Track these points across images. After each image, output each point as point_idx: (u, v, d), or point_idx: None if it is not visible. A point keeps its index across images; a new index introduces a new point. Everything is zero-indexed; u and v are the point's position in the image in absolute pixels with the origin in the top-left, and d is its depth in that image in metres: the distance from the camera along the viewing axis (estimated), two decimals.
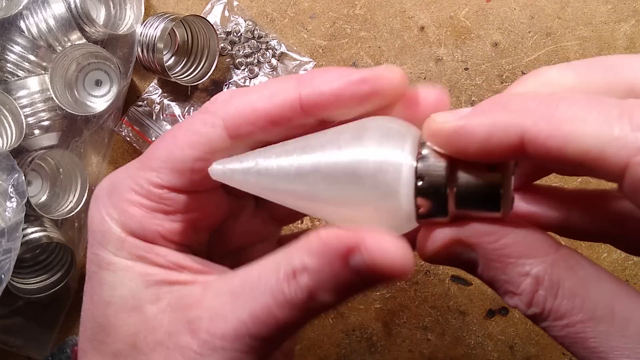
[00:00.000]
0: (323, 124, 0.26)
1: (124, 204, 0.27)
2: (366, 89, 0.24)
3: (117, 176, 0.28)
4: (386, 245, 0.22)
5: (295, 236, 0.34)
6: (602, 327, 0.21)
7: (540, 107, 0.21)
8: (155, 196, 0.26)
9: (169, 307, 0.26)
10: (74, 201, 0.52)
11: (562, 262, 0.22)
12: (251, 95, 0.25)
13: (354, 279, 0.23)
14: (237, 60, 0.55)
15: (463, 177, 0.23)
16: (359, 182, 0.23)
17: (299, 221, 0.55)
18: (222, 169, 0.25)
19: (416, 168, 0.23)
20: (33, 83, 0.50)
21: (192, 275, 0.27)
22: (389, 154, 0.23)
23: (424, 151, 0.23)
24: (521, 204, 0.28)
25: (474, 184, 0.23)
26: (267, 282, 0.24)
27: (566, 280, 0.22)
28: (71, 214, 0.52)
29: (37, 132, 0.51)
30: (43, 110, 0.51)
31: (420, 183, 0.23)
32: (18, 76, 0.50)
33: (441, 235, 0.23)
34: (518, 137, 0.21)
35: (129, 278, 0.27)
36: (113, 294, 0.27)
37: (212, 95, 0.55)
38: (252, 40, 0.55)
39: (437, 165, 0.23)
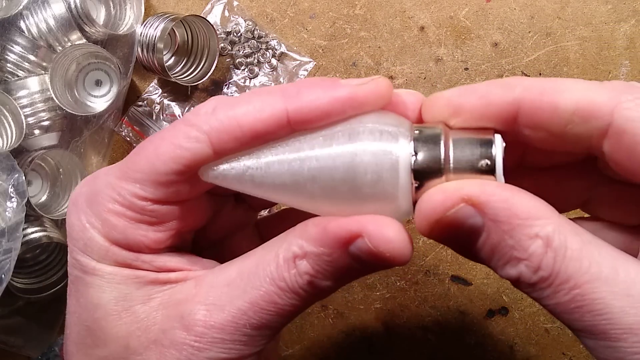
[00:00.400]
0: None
1: (106, 213, 0.26)
2: (354, 104, 0.24)
3: (96, 183, 0.27)
4: (388, 232, 0.23)
5: (273, 219, 0.35)
6: (608, 287, 0.21)
7: (531, 79, 0.24)
8: (139, 208, 0.26)
9: (161, 306, 0.26)
10: None
11: (567, 224, 0.22)
12: (237, 109, 0.25)
13: (354, 264, 0.24)
14: (237, 60, 0.55)
15: (457, 144, 0.23)
16: (356, 173, 0.23)
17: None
18: (215, 172, 0.25)
19: (411, 147, 0.23)
20: (33, 83, 0.50)
21: (183, 273, 0.27)
22: (383, 144, 0.23)
23: (417, 132, 0.24)
24: None
25: (468, 150, 0.23)
26: (266, 269, 0.24)
27: (573, 241, 0.22)
28: None
29: (37, 132, 0.51)
30: (43, 110, 0.51)
31: (417, 158, 0.23)
32: (18, 76, 0.50)
33: (449, 194, 0.23)
34: (513, 98, 0.23)
35: (118, 281, 0.26)
36: (101, 297, 0.26)
37: (212, 96, 0.55)
38: (252, 40, 0.55)
39: (432, 135, 0.23)
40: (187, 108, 0.55)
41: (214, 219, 0.31)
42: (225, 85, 0.55)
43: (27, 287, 0.51)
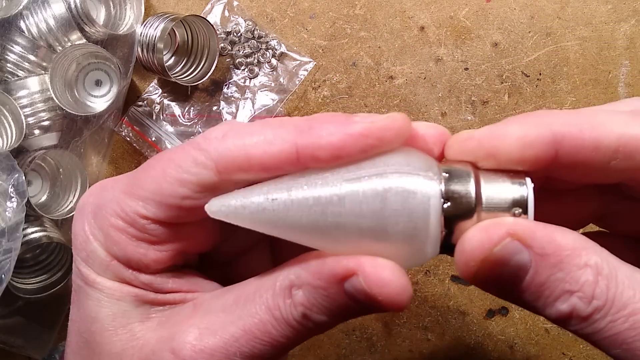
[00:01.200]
0: None
1: (108, 228, 0.26)
2: (370, 142, 0.23)
3: (103, 195, 0.27)
4: (384, 274, 0.22)
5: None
6: None
7: (565, 112, 0.22)
8: (140, 226, 0.26)
9: (158, 326, 0.26)
10: (74, 201, 0.52)
11: (609, 253, 0.22)
12: (246, 139, 0.24)
13: (349, 303, 0.23)
14: (237, 60, 0.55)
15: (489, 188, 0.22)
16: (386, 221, 0.22)
17: None
18: (223, 209, 0.24)
19: (442, 191, 0.22)
20: (33, 83, 0.50)
21: (182, 294, 0.27)
22: (413, 189, 0.22)
23: (446, 175, 0.23)
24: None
25: (501, 194, 0.22)
26: (262, 297, 0.24)
27: (621, 269, 0.21)
28: (71, 214, 0.51)
29: (37, 132, 0.51)
30: (43, 110, 0.51)
31: (446, 205, 0.22)
32: (18, 76, 0.50)
33: (493, 229, 0.22)
34: (552, 133, 0.22)
35: (118, 297, 0.26)
36: (99, 311, 0.26)
37: (212, 96, 0.55)
38: (252, 40, 0.55)
39: (462, 179, 0.22)
40: (187, 108, 0.55)
41: (225, 242, 0.31)
42: (225, 85, 0.55)
43: (27, 287, 0.51)
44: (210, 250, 0.29)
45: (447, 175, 0.23)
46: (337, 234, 0.23)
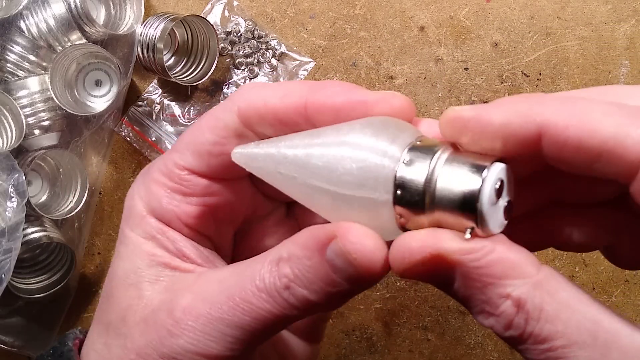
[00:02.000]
0: None
1: (150, 182, 0.28)
2: (364, 109, 0.25)
3: (156, 160, 0.29)
4: (359, 235, 0.23)
5: None
6: (585, 352, 0.20)
7: (559, 101, 0.21)
8: (176, 176, 0.27)
9: (163, 289, 0.27)
10: (74, 201, 0.52)
11: (545, 283, 0.21)
12: (267, 91, 0.26)
13: (331, 275, 0.23)
14: (237, 60, 0.55)
15: (446, 170, 0.22)
16: (340, 170, 0.23)
17: None
18: (240, 152, 0.26)
19: (397, 173, 0.22)
20: (33, 83, 0.50)
21: (194, 265, 0.28)
22: (375, 147, 0.23)
23: (418, 142, 0.23)
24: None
25: (456, 180, 0.21)
26: (252, 269, 0.25)
27: (549, 303, 0.21)
28: (71, 214, 0.51)
29: (37, 132, 0.51)
30: (43, 110, 0.51)
31: (402, 173, 0.22)
32: (18, 76, 0.50)
33: (421, 249, 0.22)
34: (536, 126, 0.21)
35: (136, 254, 0.28)
36: (119, 267, 0.28)
37: (212, 96, 0.55)
38: (252, 40, 0.55)
39: (424, 157, 0.22)
40: (187, 108, 0.55)
41: (259, 228, 0.32)
42: (225, 85, 0.55)
43: (27, 287, 0.51)
44: (241, 221, 0.31)
45: (418, 143, 0.23)
46: (312, 196, 0.25)
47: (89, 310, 0.55)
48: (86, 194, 0.52)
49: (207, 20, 0.53)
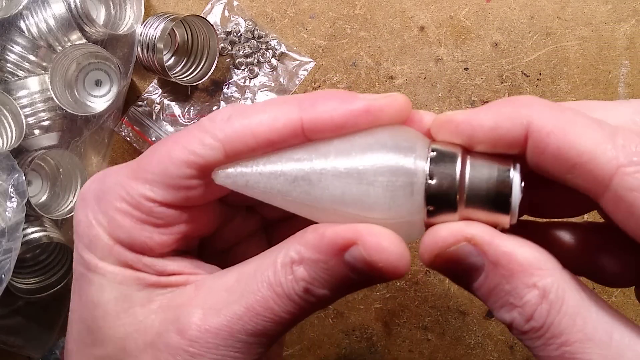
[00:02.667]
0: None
1: (113, 212, 0.26)
2: (369, 118, 0.24)
3: (106, 181, 0.27)
4: (384, 241, 0.23)
5: (284, 225, 0.34)
6: (600, 350, 0.21)
7: (547, 107, 0.22)
8: (146, 209, 0.26)
9: (160, 309, 0.26)
10: (73, 201, 0.52)
11: (569, 279, 0.22)
12: (252, 118, 0.25)
13: (349, 274, 0.23)
14: (237, 60, 0.55)
15: (473, 174, 0.23)
16: (370, 183, 0.23)
17: None
18: (226, 173, 0.25)
19: (427, 169, 0.23)
20: (33, 83, 0.50)
21: (184, 276, 0.27)
22: (400, 158, 0.23)
23: (433, 153, 0.23)
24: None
25: (484, 182, 0.23)
26: (264, 275, 0.24)
27: (571, 297, 0.21)
28: (71, 214, 0.51)
29: (37, 132, 0.51)
30: (43, 110, 0.51)
31: (431, 182, 0.23)
32: (18, 76, 0.50)
33: (453, 231, 0.23)
34: (522, 129, 0.22)
35: (119, 280, 0.26)
36: (101, 296, 0.26)
37: (212, 96, 0.55)
38: (252, 40, 0.55)
39: (448, 164, 0.23)
40: (187, 108, 0.55)
41: (223, 228, 0.31)
42: (225, 85, 0.55)
43: (27, 287, 0.51)
44: (210, 234, 0.30)
45: (434, 154, 0.23)
46: (323, 200, 0.24)
47: None
48: None
49: (207, 20, 0.53)
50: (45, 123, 0.51)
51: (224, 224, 0.31)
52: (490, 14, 0.55)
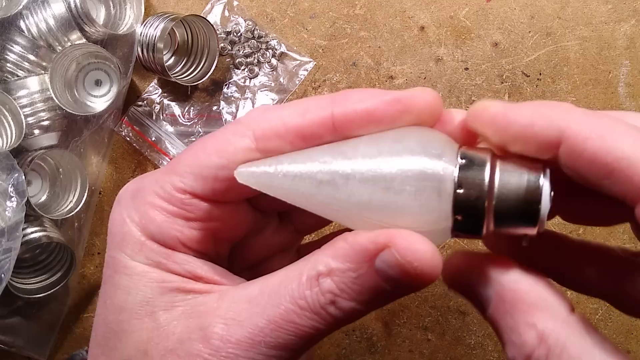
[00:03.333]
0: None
1: (146, 206, 0.26)
2: (399, 108, 0.24)
3: (143, 180, 0.27)
4: (416, 243, 0.22)
5: (315, 244, 0.33)
6: None
7: (585, 114, 0.22)
8: (177, 201, 0.26)
9: (182, 315, 0.26)
10: (73, 201, 0.52)
11: (574, 325, 0.21)
12: (284, 111, 0.25)
13: (381, 283, 0.23)
14: (237, 60, 0.55)
15: (503, 183, 0.22)
16: (398, 190, 0.23)
17: None
18: (249, 171, 0.25)
19: (456, 177, 0.22)
20: (33, 83, 0.50)
21: (209, 285, 0.27)
22: (428, 165, 0.23)
23: (462, 161, 0.23)
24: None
25: (514, 191, 0.22)
26: (288, 287, 0.24)
27: (574, 345, 0.21)
28: (71, 214, 0.51)
29: (37, 132, 0.51)
30: (43, 110, 0.51)
31: (460, 191, 0.22)
32: (18, 76, 0.50)
33: (465, 259, 0.23)
34: (557, 131, 0.22)
35: (144, 284, 0.26)
36: (127, 299, 0.26)
37: (212, 95, 0.55)
38: (252, 40, 0.55)
39: (477, 171, 0.22)
40: (187, 108, 0.55)
41: (254, 238, 0.31)
42: (225, 85, 0.55)
43: (27, 287, 0.51)
44: (241, 238, 0.30)
45: (463, 161, 0.23)
46: (351, 211, 0.24)
47: (88, 310, 0.55)
48: (86, 194, 0.52)
49: (207, 20, 0.53)
50: (45, 123, 0.51)
51: (255, 232, 0.30)
52: (490, 14, 0.55)
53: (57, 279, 0.52)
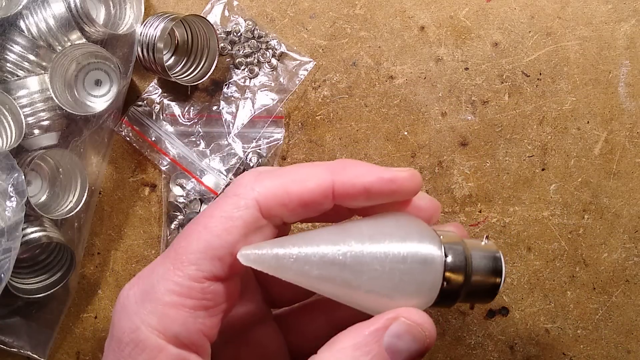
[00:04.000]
0: (341, 210, 0.28)
1: (163, 307, 0.25)
2: (393, 187, 0.26)
3: (147, 281, 0.26)
4: (423, 316, 0.26)
5: (298, 311, 0.35)
6: None
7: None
8: (197, 292, 0.25)
9: None
10: (73, 201, 0.52)
11: None
12: (284, 178, 0.26)
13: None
14: (237, 60, 0.55)
15: (477, 269, 0.28)
16: (403, 274, 0.26)
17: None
18: (257, 254, 0.25)
19: (445, 261, 0.27)
20: (33, 83, 0.50)
21: None
22: (429, 249, 0.26)
23: (448, 248, 0.27)
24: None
25: (485, 277, 0.28)
26: None
27: None
28: (71, 214, 0.51)
29: (36, 131, 0.51)
30: (43, 110, 0.51)
31: (448, 274, 0.27)
32: (18, 76, 0.50)
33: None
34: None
35: None
36: None
37: (212, 95, 0.55)
38: (252, 40, 0.55)
39: (459, 257, 0.27)
40: (187, 108, 0.55)
41: (235, 309, 0.31)
42: (225, 85, 0.55)
43: (27, 287, 0.51)
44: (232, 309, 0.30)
45: (449, 249, 0.27)
46: (359, 282, 0.26)
47: (88, 310, 0.55)
48: (86, 194, 0.52)
49: (207, 20, 0.53)
50: (45, 123, 0.51)
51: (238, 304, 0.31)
52: (490, 14, 0.55)
53: (57, 279, 0.52)
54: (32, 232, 0.49)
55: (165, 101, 0.55)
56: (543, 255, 0.54)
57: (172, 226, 0.54)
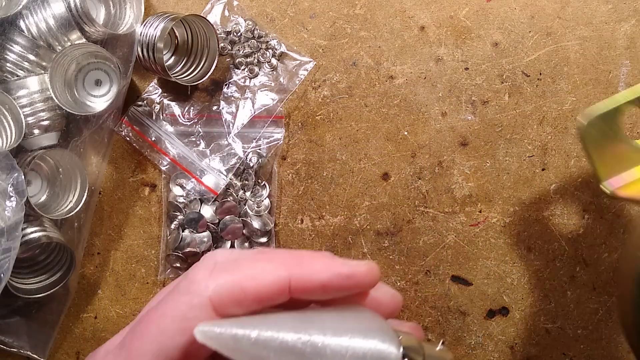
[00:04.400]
0: (297, 300, 0.28)
1: None
2: (350, 283, 0.26)
3: None
4: None
5: None
6: None
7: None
8: None
9: None
10: (73, 201, 0.52)
11: None
12: (239, 274, 0.25)
13: None
14: (237, 60, 0.55)
15: None
16: None
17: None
18: (215, 333, 0.25)
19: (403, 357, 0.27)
20: (33, 83, 0.50)
21: None
22: (389, 350, 0.26)
23: (407, 346, 0.27)
24: None
25: None
26: None
27: None
28: (71, 214, 0.51)
29: (36, 131, 0.51)
30: (43, 110, 0.51)
31: None
32: (18, 76, 0.50)
33: None
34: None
35: None
36: None
37: (212, 95, 0.55)
38: (252, 40, 0.55)
39: (416, 355, 0.27)
40: (187, 108, 0.55)
41: None
42: (225, 85, 0.55)
43: (27, 287, 0.51)
44: None
45: (407, 347, 0.27)
46: None
47: (88, 310, 0.55)
48: (86, 194, 0.52)
49: (207, 20, 0.53)
50: (45, 123, 0.51)
51: None
52: (490, 14, 0.55)
53: (57, 279, 0.52)
54: (31, 232, 0.49)
55: (165, 101, 0.55)
56: (543, 255, 0.54)
57: (172, 226, 0.54)
